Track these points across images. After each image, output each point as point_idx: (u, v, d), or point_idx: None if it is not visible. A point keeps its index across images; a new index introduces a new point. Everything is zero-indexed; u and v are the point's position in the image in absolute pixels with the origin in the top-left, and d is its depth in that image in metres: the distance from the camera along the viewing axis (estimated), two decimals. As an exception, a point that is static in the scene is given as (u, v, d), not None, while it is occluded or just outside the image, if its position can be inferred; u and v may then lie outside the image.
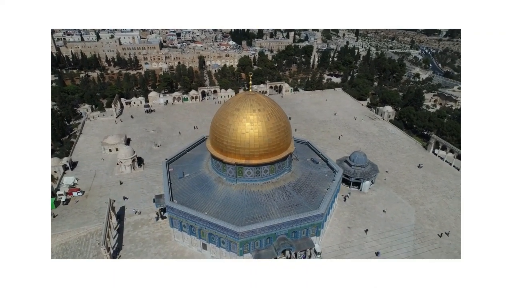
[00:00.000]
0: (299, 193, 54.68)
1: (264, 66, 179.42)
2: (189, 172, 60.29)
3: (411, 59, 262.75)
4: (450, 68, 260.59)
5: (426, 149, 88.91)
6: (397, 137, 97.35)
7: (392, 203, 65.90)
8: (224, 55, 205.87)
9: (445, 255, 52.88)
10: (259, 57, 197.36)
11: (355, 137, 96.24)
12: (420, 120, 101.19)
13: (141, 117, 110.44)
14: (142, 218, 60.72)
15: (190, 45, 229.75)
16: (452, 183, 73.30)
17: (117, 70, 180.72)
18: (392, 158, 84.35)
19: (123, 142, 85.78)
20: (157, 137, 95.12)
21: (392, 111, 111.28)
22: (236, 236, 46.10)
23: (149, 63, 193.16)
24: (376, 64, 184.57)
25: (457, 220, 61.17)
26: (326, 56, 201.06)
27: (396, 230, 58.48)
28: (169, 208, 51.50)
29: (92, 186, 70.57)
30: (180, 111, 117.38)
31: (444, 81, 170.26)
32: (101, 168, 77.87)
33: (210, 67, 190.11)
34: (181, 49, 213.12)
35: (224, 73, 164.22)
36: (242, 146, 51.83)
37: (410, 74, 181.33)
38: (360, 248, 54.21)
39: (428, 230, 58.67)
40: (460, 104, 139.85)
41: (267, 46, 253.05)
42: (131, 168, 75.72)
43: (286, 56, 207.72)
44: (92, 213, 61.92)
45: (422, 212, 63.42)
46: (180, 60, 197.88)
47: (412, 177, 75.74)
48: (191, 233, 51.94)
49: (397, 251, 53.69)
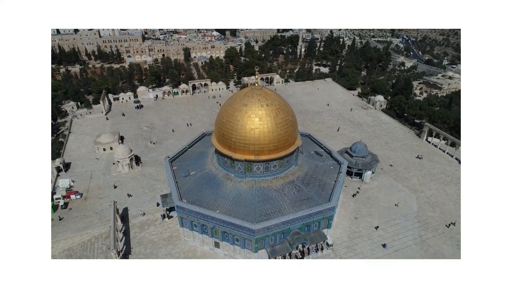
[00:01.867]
0: (308, 187, 54.88)
1: (252, 57, 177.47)
2: (194, 170, 59.02)
3: (392, 48, 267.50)
4: (429, 55, 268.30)
5: (420, 137, 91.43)
6: (390, 126, 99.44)
7: (393, 192, 67.61)
8: (209, 46, 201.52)
9: (449, 240, 55.05)
10: (245, 48, 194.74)
11: (351, 128, 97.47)
12: (412, 108, 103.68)
13: (132, 113, 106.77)
14: (148, 219, 59.21)
15: (173, 36, 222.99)
16: (447, 170, 75.99)
17: (99, 64, 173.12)
18: (388, 147, 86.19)
19: (117, 141, 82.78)
20: (152, 134, 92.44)
21: (383, 101, 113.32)
22: (252, 233, 45.84)
23: (132, 56, 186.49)
24: (362, 54, 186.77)
25: (456, 205, 63.65)
26: (313, 46, 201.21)
27: (401, 218, 60.16)
28: (179, 208, 50.35)
29: (89, 187, 67.89)
30: (172, 106, 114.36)
31: (428, 69, 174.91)
32: (97, 168, 74.94)
33: (196, 59, 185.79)
34: (164, 41, 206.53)
35: (212, 65, 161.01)
36: (252, 142, 51.11)
37: (395, 62, 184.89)
38: (369, 238, 55.43)
39: (431, 217, 60.73)
40: (445, 92, 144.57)
41: (252, 36, 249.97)
42: (129, 167, 73.35)
43: (272, 47, 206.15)
44: (93, 216, 59.74)
45: (423, 200, 65.50)
46: (165, 52, 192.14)
47: (409, 165, 77.86)
48: (202, 232, 51.20)
49: (404, 239, 55.32)
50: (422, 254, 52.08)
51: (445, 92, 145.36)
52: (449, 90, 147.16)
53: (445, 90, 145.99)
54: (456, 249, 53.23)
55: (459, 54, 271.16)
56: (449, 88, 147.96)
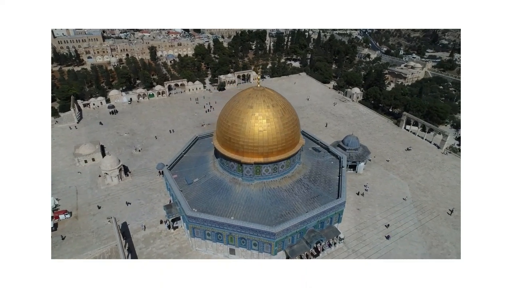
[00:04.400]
0: (315, 184, 55.64)
1: (222, 54, 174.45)
2: (197, 177, 56.98)
3: (352, 39, 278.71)
4: (386, 46, 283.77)
5: (398, 126, 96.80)
6: (370, 117, 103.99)
7: (387, 180, 71.08)
8: (176, 44, 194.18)
9: (445, 222, 59.23)
10: (214, 44, 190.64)
11: (334, 121, 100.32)
12: (387, 99, 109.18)
13: (107, 119, 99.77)
14: (151, 232, 56.09)
15: (135, 34, 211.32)
16: (429, 155, 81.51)
17: (56, 67, 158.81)
18: (372, 137, 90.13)
19: (99, 151, 77.05)
20: (134, 141, 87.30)
21: (359, 92, 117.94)
22: (272, 236, 45.47)
23: (93, 57, 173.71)
24: (329, 47, 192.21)
25: (444, 188, 68.66)
26: (281, 40, 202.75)
27: (398, 205, 63.49)
28: (192, 218, 48.33)
29: (78, 205, 62.49)
30: (149, 109, 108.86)
31: (391, 60, 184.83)
32: (81, 183, 69.15)
33: (164, 58, 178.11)
34: (127, 40, 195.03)
35: (184, 64, 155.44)
36: (261, 145, 50.42)
37: (360, 54, 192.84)
38: (374, 227, 57.79)
39: (424, 201, 64.87)
40: (409, 81, 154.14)
41: (217, 32, 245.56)
42: (118, 178, 68.68)
43: (241, 42, 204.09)
44: (90, 236, 55.24)
45: (414, 185, 69.69)
46: (129, 52, 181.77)
47: (395, 154, 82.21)
48: (217, 240, 49.73)
49: (406, 224, 58.52)
50: (424, 238, 55.51)
51: (409, 81, 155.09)
52: (412, 79, 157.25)
53: (409, 80, 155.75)
54: (452, 229, 57.49)
55: (412, 44, 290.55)
56: (413, 77, 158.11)
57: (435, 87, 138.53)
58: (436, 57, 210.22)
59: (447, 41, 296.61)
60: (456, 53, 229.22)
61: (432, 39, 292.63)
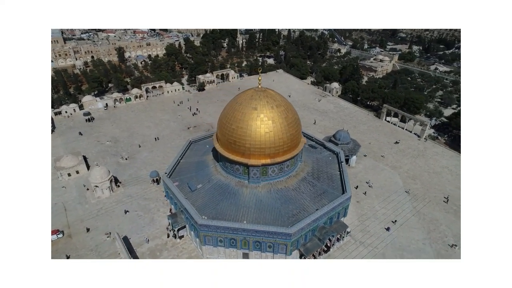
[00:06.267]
0: (319, 181, 56.55)
1: (196, 54, 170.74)
2: (201, 183, 55.38)
3: (320, 35, 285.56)
4: (350, 40, 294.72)
5: (379, 117, 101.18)
6: (351, 111, 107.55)
7: (378, 171, 74.16)
8: (144, 44, 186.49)
9: (437, 207, 63.13)
10: (185, 44, 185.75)
11: (319, 116, 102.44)
12: (365, 92, 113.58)
13: (84, 128, 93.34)
14: (156, 244, 53.75)
15: (99, 35, 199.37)
16: (411, 145, 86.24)
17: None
18: (357, 130, 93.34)
19: (83, 163, 72.08)
20: (118, 149, 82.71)
21: (339, 87, 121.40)
22: (288, 237, 45.56)
23: (55, 60, 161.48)
24: (301, 43, 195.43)
25: (431, 175, 73.15)
26: (253, 38, 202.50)
27: (393, 194, 66.59)
28: (204, 226, 46.95)
29: (69, 223, 58.08)
30: (128, 113, 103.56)
31: (360, 54, 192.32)
32: (68, 198, 64.27)
33: (134, 59, 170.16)
34: (91, 41, 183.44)
35: (157, 65, 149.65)
36: (268, 146, 50.08)
37: (331, 50, 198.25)
38: (375, 217, 60.15)
39: (416, 188, 68.65)
40: (379, 74, 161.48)
41: (185, 30, 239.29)
42: (110, 190, 64.77)
43: (213, 40, 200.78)
44: (90, 254, 51.71)
45: (403, 174, 73.44)
46: (94, 53, 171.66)
47: (381, 145, 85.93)
48: (230, 246, 48.84)
49: (403, 212, 61.58)
50: (422, 224, 58.82)
51: (380, 74, 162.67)
52: (382, 72, 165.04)
53: (379, 72, 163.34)
54: (445, 213, 61.50)
55: (373, 38, 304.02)
56: (382, 70, 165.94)
57: (404, 78, 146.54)
58: (396, 49, 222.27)
59: (405, 34, 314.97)
60: (414, 45, 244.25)
61: (391, 33, 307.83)
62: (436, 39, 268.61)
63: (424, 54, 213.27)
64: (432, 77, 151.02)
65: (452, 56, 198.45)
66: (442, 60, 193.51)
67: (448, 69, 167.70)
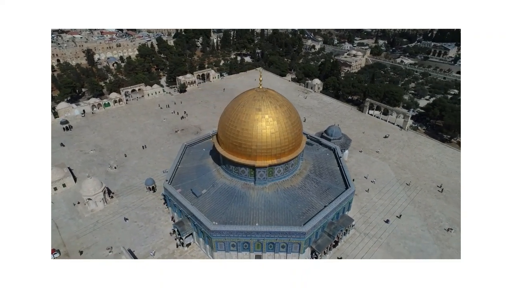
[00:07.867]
0: (322, 177, 57.51)
1: (170, 54, 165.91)
2: (205, 188, 54.17)
3: (294, 32, 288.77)
4: (319, 36, 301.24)
5: (362, 111, 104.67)
6: (335, 106, 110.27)
7: (370, 164, 76.86)
8: (114, 45, 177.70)
9: (429, 194, 66.73)
10: (158, 44, 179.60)
11: (305, 113, 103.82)
12: (346, 87, 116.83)
13: (63, 137, 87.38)
14: (163, 255, 51.89)
15: (63, 36, 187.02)
16: (396, 135, 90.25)
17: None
18: (344, 125, 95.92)
19: (70, 175, 67.65)
20: (105, 157, 78.49)
21: (320, 83, 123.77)
22: (302, 236, 45.97)
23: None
24: (276, 40, 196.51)
25: (419, 164, 77.09)
26: (227, 36, 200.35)
27: (387, 185, 69.39)
28: (217, 233, 46.02)
29: (64, 240, 54.37)
30: (109, 120, 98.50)
31: (334, 49, 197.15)
32: (59, 214, 60.05)
33: (105, 62, 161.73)
34: (55, 43, 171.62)
35: (132, 67, 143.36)
36: (274, 146, 49.98)
37: (306, 46, 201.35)
38: (375, 209, 62.34)
39: (407, 177, 72.03)
40: (354, 68, 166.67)
41: (156, 30, 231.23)
42: (103, 202, 61.39)
43: (186, 40, 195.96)
44: (93, 272, 48.66)
45: (393, 165, 76.72)
46: (60, 57, 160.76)
47: (369, 138, 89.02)
48: (243, 250, 48.36)
49: (399, 202, 64.41)
50: (418, 211, 61.87)
51: (354, 68, 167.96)
52: (357, 67, 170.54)
53: (354, 67, 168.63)
54: (436, 199, 65.17)
55: (341, 33, 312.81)
56: (356, 64, 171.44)
57: (378, 72, 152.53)
58: (364, 44, 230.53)
59: (370, 29, 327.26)
60: (379, 39, 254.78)
61: (357, 28, 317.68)
62: (399, 33, 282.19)
63: (390, 48, 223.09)
64: (403, 70, 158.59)
65: (415, 49, 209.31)
66: (407, 53, 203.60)
67: (412, 62, 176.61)
